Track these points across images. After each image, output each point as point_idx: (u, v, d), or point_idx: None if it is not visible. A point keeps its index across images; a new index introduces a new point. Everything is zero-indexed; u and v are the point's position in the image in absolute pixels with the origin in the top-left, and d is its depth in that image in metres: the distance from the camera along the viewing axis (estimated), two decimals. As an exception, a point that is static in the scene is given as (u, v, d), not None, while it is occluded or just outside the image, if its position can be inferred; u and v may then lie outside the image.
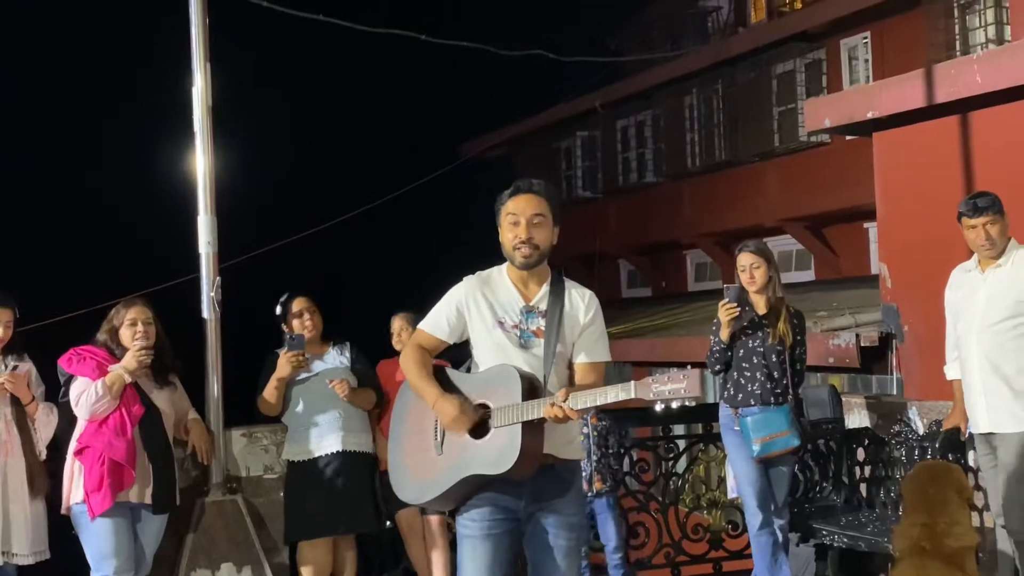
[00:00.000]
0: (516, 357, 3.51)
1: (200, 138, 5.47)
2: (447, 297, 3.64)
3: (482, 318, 3.56)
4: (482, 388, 3.50)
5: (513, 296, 3.59)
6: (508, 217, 3.56)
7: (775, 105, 14.62)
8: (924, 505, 4.30)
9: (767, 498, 5.26)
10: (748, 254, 5.35)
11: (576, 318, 3.57)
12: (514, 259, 3.56)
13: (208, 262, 5.44)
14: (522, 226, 3.53)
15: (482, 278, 3.64)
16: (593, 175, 18.62)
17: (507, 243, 3.57)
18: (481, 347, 3.58)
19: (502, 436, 3.39)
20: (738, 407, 5.31)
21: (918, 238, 8.00)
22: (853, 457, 5.95)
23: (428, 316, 3.67)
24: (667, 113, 16.67)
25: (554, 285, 3.60)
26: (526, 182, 3.62)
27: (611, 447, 5.82)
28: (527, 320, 3.55)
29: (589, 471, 5.70)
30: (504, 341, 3.54)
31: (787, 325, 5.33)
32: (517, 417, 3.37)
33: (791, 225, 14.45)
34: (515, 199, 3.58)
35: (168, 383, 5.04)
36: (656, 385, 3.20)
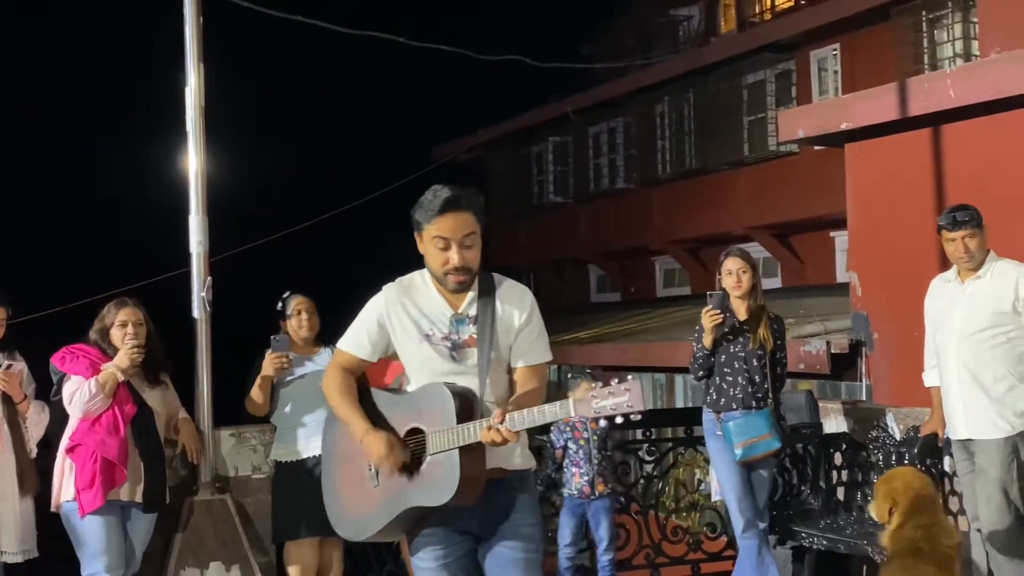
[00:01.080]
0: (448, 372, 3.21)
1: (192, 138, 5.45)
2: (367, 310, 3.31)
3: (406, 332, 3.24)
4: (414, 410, 3.21)
5: (439, 305, 3.25)
6: (436, 240, 3.16)
7: (745, 114, 14.79)
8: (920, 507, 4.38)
9: (751, 501, 5.33)
10: (736, 259, 5.42)
11: (510, 321, 3.25)
12: (446, 284, 3.21)
13: (199, 262, 5.42)
14: (454, 251, 3.16)
15: (403, 286, 3.29)
16: (564, 180, 18.71)
17: (436, 267, 3.20)
18: (410, 363, 3.28)
19: (440, 463, 3.11)
20: (720, 412, 5.36)
21: (888, 248, 8.14)
22: (831, 461, 6.03)
23: (348, 333, 3.34)
24: (638, 120, 16.80)
25: (483, 287, 3.27)
26: (452, 196, 3.16)
27: (610, 450, 5.88)
28: (457, 329, 3.23)
29: (591, 474, 5.75)
30: (433, 356, 3.22)
31: (768, 330, 5.40)
32: (453, 442, 3.09)
33: (759, 233, 14.61)
34: (443, 219, 3.15)
35: (159, 382, 5.02)
36: (597, 400, 2.95)
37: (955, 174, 7.40)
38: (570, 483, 5.78)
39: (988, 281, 4.84)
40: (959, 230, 4.82)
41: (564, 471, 5.81)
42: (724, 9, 17.09)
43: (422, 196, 3.23)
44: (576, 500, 5.78)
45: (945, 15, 12.09)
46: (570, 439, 5.78)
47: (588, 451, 5.76)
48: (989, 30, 8.59)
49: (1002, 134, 7.23)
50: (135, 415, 4.80)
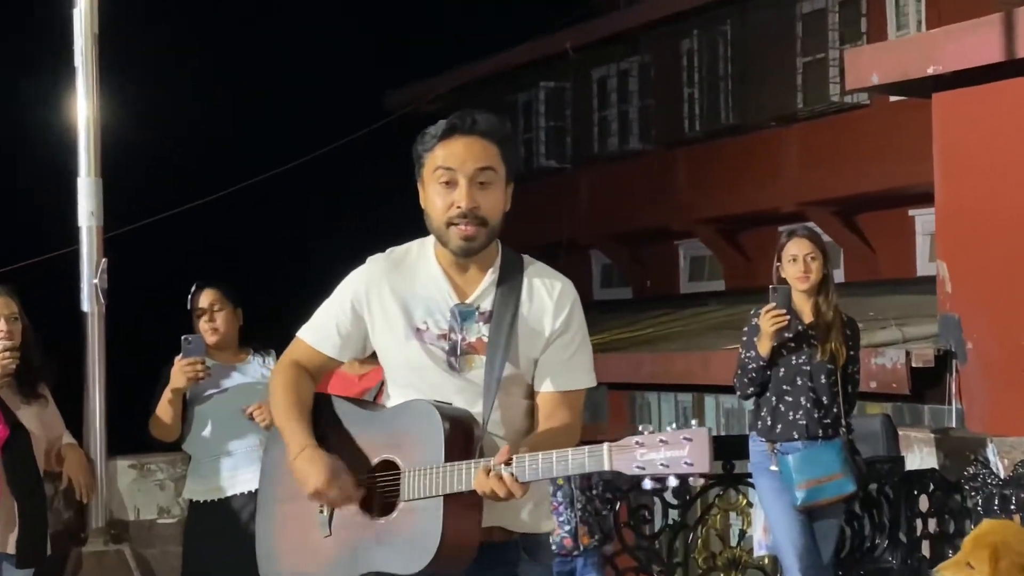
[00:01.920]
0: (443, 384, 3.02)
1: (83, 76, 5.47)
2: (340, 289, 3.15)
3: (390, 324, 3.07)
4: (390, 436, 3.02)
5: (441, 289, 3.07)
6: (438, 173, 3.01)
7: (799, 55, 14.84)
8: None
9: (814, 558, 5.40)
10: (803, 240, 5.48)
11: (540, 323, 3.06)
12: (447, 239, 3.02)
13: (91, 238, 5.44)
14: (462, 188, 2.99)
15: (394, 261, 3.13)
16: (560, 139, 18.74)
17: (436, 214, 3.02)
18: (391, 367, 3.12)
19: (416, 514, 2.92)
20: (777, 441, 5.44)
21: (989, 230, 8.21)
22: (914, 507, 6.11)
23: (312, 320, 3.19)
24: (659, 61, 16.84)
25: (505, 271, 3.09)
26: (466, 116, 3.04)
27: (595, 488, 5.90)
28: (462, 326, 3.05)
29: (574, 523, 5.78)
30: (422, 360, 3.04)
31: (841, 338, 5.46)
32: (437, 487, 2.89)
33: (815, 210, 14.67)
34: (449, 143, 3.01)
35: (37, 396, 5.03)
36: (644, 451, 2.78)
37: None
38: None
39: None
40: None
41: None
42: (772, -85, 17.18)
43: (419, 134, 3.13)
44: (558, 558, 5.75)
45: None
46: None
47: (569, 493, 5.79)
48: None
49: None
50: (6, 439, 4.79)
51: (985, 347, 8.18)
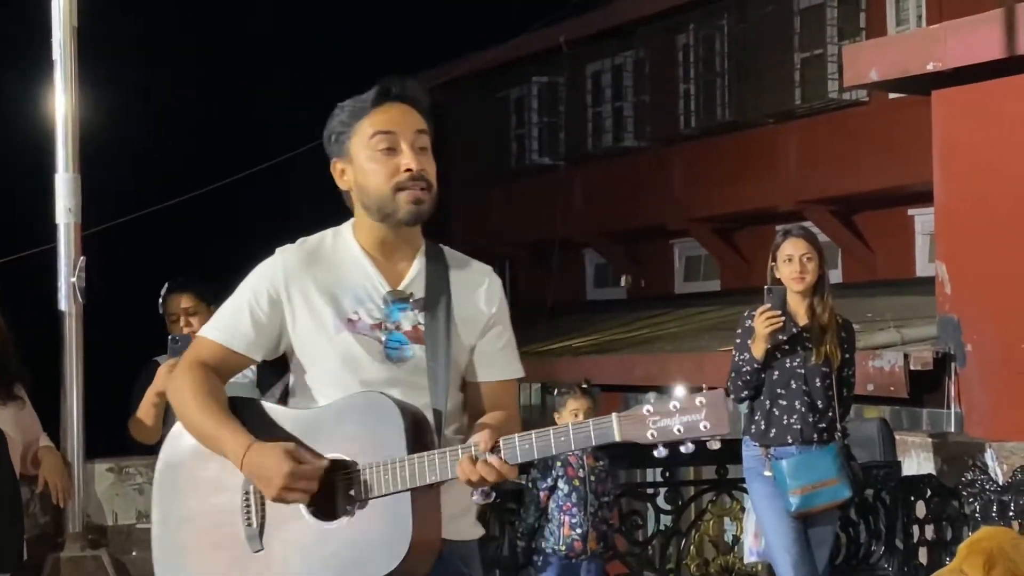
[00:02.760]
0: (379, 377, 2.89)
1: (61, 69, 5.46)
2: (251, 282, 2.95)
3: (316, 317, 2.90)
4: (336, 432, 2.84)
5: (370, 277, 2.94)
6: (376, 139, 2.89)
7: (797, 50, 14.87)
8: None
9: (808, 566, 5.39)
10: (799, 240, 5.49)
11: (473, 310, 2.99)
12: (395, 207, 2.88)
13: (68, 235, 5.43)
14: (407, 152, 2.88)
15: (309, 250, 2.97)
16: (553, 135, 18.75)
17: (378, 181, 2.89)
18: (314, 365, 2.93)
19: (378, 514, 2.77)
20: (770, 446, 5.43)
21: (989, 230, 8.22)
22: (911, 513, 6.12)
23: (218, 315, 2.99)
24: (654, 56, 16.85)
25: (431, 256, 3.00)
26: (397, 82, 2.94)
27: (608, 495, 5.91)
28: (395, 315, 2.93)
29: (586, 526, 5.77)
30: (357, 352, 2.88)
31: (836, 341, 5.47)
32: (404, 480, 2.75)
33: (813, 209, 14.70)
34: (386, 108, 2.91)
35: (13, 397, 5.04)
36: (658, 418, 2.68)
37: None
38: (557, 536, 5.77)
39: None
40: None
41: (550, 520, 5.81)
42: (770, -91, 17.21)
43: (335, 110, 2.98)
44: (563, 560, 5.79)
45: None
46: (562, 477, 5.78)
47: (584, 494, 5.78)
48: None
49: None
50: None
51: (985, 350, 8.19)
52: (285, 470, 2.73)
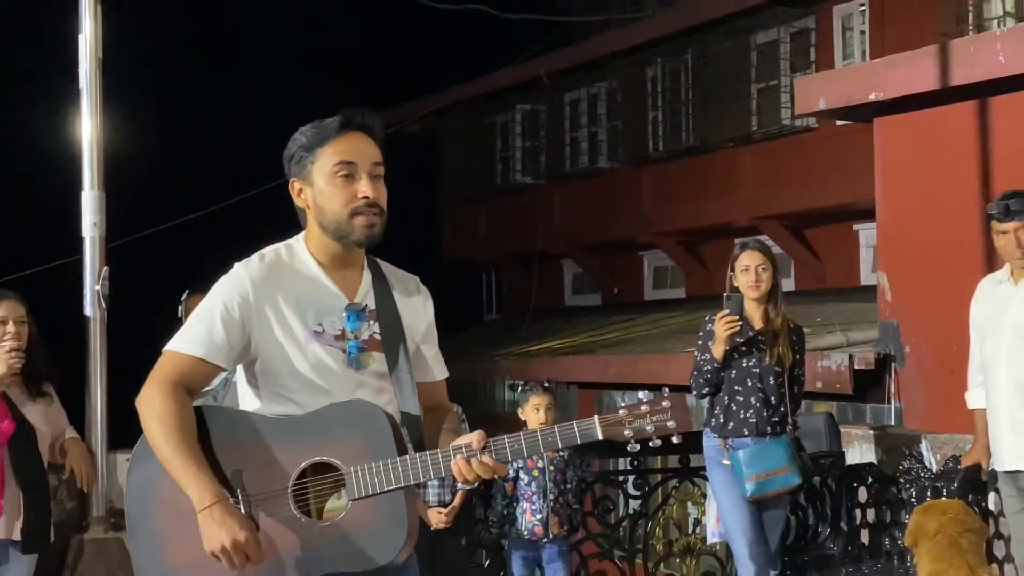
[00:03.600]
0: (344, 383, 2.85)
1: (87, 97, 5.44)
2: (219, 296, 2.85)
3: (286, 328, 2.84)
4: (315, 438, 2.78)
5: (330, 291, 2.90)
6: (338, 167, 2.84)
7: (754, 81, 14.88)
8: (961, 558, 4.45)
9: (762, 545, 5.39)
10: (755, 252, 5.48)
11: (415, 319, 2.99)
12: (350, 230, 2.85)
13: (94, 247, 5.42)
14: (364, 181, 2.85)
15: (269, 265, 2.89)
16: (535, 157, 18.73)
17: (336, 206, 2.85)
18: (287, 372, 2.85)
19: (373, 512, 2.75)
20: (728, 437, 5.42)
21: (925, 243, 8.24)
22: (854, 498, 6.12)
23: (189, 330, 2.86)
24: (625, 87, 16.85)
25: (373, 270, 2.99)
26: (358, 113, 2.91)
27: (570, 482, 5.88)
28: (355, 326, 2.89)
29: (546, 512, 5.76)
30: (326, 361, 2.84)
31: (787, 343, 5.47)
32: (399, 479, 2.75)
33: (768, 224, 14.71)
34: (348, 138, 2.87)
35: (42, 394, 5.01)
36: (631, 419, 2.79)
37: (1005, 155, 7.51)
38: (520, 522, 5.75)
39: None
40: (1013, 220, 4.91)
41: (514, 507, 5.80)
42: (730, -46, 17.22)
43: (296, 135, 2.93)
44: (527, 542, 5.78)
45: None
46: (522, 468, 5.75)
47: (543, 484, 5.76)
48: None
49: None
50: (13, 434, 4.78)
51: (921, 351, 8.20)
52: (240, 537, 2.67)
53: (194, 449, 2.75)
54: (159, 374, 2.83)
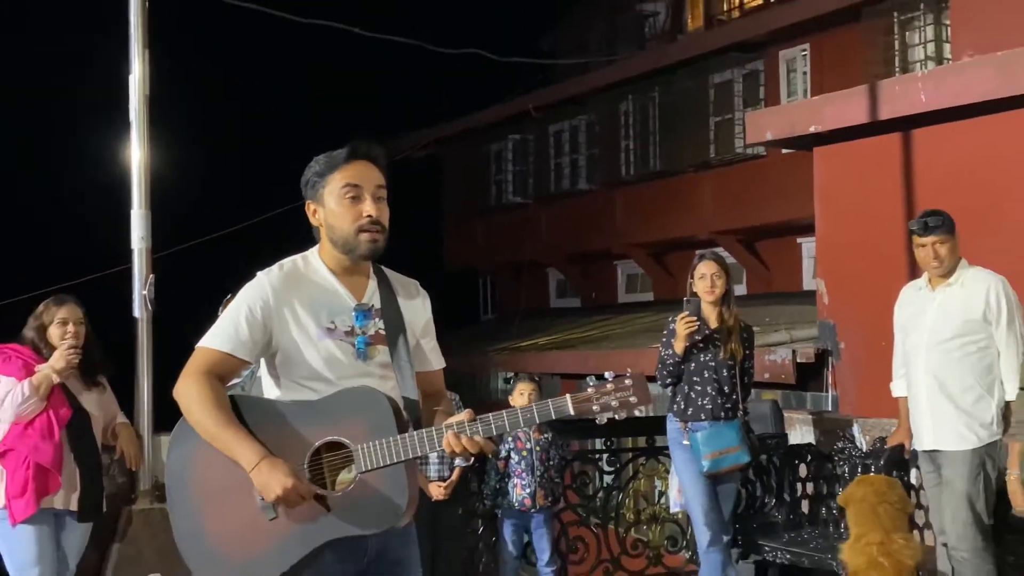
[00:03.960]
0: (353, 372, 2.86)
1: (136, 129, 5.42)
2: (244, 299, 2.86)
3: (301, 326, 2.85)
4: (328, 420, 2.79)
5: (340, 294, 2.91)
6: (345, 189, 2.86)
7: (712, 115, 14.90)
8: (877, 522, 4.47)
9: (717, 514, 5.38)
10: (711, 262, 5.47)
11: (415, 316, 3.00)
12: (356, 244, 2.87)
13: (141, 258, 5.40)
14: (368, 202, 2.87)
15: (288, 273, 2.91)
16: (524, 180, 18.73)
17: (344, 224, 2.86)
18: (297, 365, 2.86)
19: (378, 483, 2.75)
20: (688, 421, 5.42)
21: (857, 255, 8.24)
22: (796, 473, 6.12)
23: (218, 328, 2.86)
24: (601, 119, 16.87)
25: (379, 276, 2.99)
26: (364, 144, 2.93)
27: (553, 460, 5.88)
28: (362, 323, 2.89)
29: (533, 486, 5.76)
30: (337, 354, 2.85)
31: (739, 340, 5.46)
32: (395, 455, 2.74)
33: (724, 238, 14.72)
34: (354, 166, 2.89)
35: (97, 384, 5.00)
36: (599, 396, 2.77)
37: (926, 180, 7.52)
38: (512, 494, 5.78)
39: (959, 289, 4.94)
40: (930, 235, 4.91)
41: (506, 482, 5.81)
42: (691, 6, 17.21)
43: (312, 163, 2.95)
44: (517, 512, 5.80)
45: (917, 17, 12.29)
46: (512, 449, 5.78)
47: (531, 462, 5.77)
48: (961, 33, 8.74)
49: (974, 139, 7.37)
50: (70, 419, 4.77)
51: (854, 347, 8.21)
52: (288, 484, 2.69)
53: (234, 422, 2.77)
54: (193, 366, 2.85)
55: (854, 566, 4.49)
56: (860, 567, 4.44)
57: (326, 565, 2.79)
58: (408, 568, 2.94)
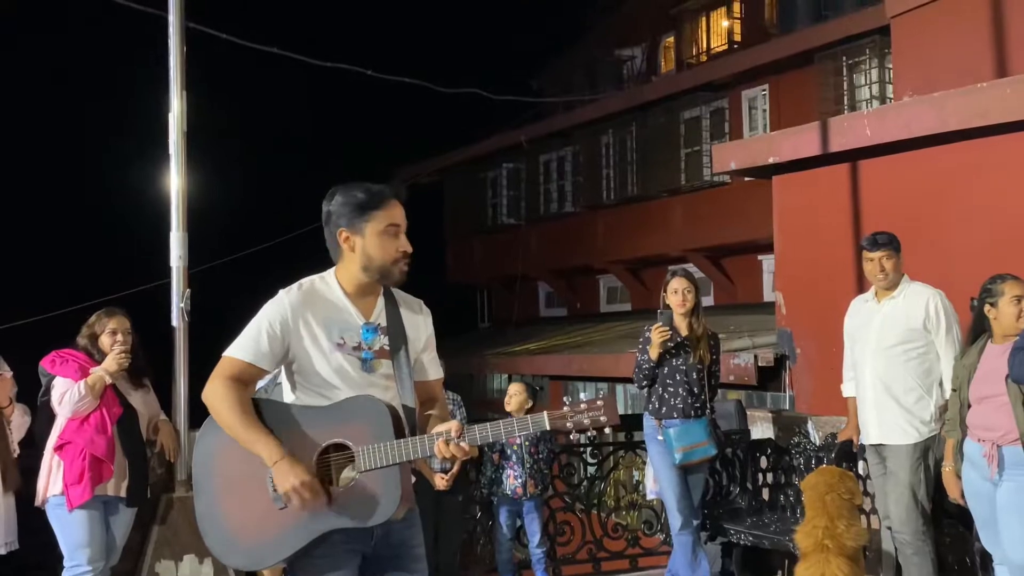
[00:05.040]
0: (360, 383, 2.86)
1: (175, 160, 5.42)
2: (266, 316, 2.86)
3: (315, 340, 2.85)
4: (337, 423, 2.80)
5: (351, 312, 2.90)
6: (390, 228, 2.89)
7: (682, 147, 14.96)
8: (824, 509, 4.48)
9: (688, 501, 5.37)
10: (682, 279, 5.47)
11: (417, 332, 3.00)
12: (391, 273, 2.91)
13: (179, 275, 5.38)
14: (403, 238, 2.91)
15: (305, 292, 2.90)
16: (517, 204, 18.77)
17: (386, 256, 2.88)
18: (310, 375, 2.86)
19: (375, 481, 2.76)
20: (662, 419, 5.41)
21: (810, 271, 8.26)
22: (757, 465, 6.10)
23: (242, 341, 2.87)
24: (585, 150, 16.92)
25: (387, 295, 2.99)
26: (396, 188, 2.96)
27: (541, 453, 5.88)
28: (369, 339, 2.90)
29: (524, 476, 5.76)
30: (346, 366, 2.86)
31: (707, 346, 5.47)
32: (393, 458, 2.76)
33: (693, 255, 14.77)
34: (394, 206, 2.91)
35: (142, 385, 5.00)
36: (572, 414, 2.79)
37: (871, 205, 7.55)
38: (505, 483, 5.78)
39: (902, 301, 4.96)
40: (878, 251, 4.94)
41: (500, 472, 5.81)
42: (664, 51, 17.30)
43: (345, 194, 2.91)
44: (510, 499, 5.80)
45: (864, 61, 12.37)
46: (505, 443, 5.78)
47: (521, 455, 5.77)
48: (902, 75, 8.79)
49: (913, 169, 7.40)
50: (121, 415, 4.78)
51: (809, 352, 8.21)
52: (304, 479, 2.73)
53: (257, 422, 2.80)
54: (219, 372, 2.88)
55: (804, 547, 4.51)
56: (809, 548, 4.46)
57: (334, 545, 2.81)
58: (411, 547, 2.95)
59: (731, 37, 15.51)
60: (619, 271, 16.64)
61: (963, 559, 5.08)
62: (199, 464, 2.92)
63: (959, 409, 4.44)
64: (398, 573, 2.91)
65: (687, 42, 16.35)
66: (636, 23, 17.36)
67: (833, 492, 4.69)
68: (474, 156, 18.93)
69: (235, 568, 2.99)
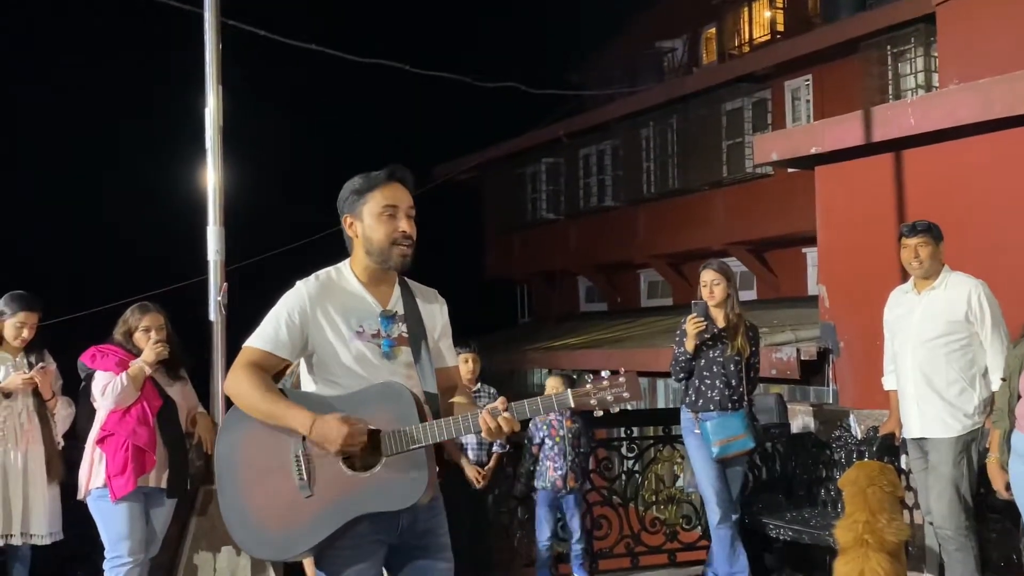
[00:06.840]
0: (381, 370, 2.87)
1: (211, 155, 5.48)
2: (284, 306, 2.89)
3: (335, 329, 2.87)
4: (361, 410, 2.79)
5: (368, 301, 2.93)
6: (384, 210, 2.89)
7: (724, 139, 14.86)
8: (864, 504, 4.45)
9: (726, 495, 5.36)
10: (710, 271, 5.46)
11: (433, 320, 3.02)
12: (389, 256, 2.90)
13: (216, 269, 5.45)
14: (402, 219, 2.90)
15: (322, 282, 2.93)
16: (556, 198, 18.76)
17: (382, 238, 2.89)
18: (331, 364, 2.87)
19: (402, 464, 2.77)
20: (699, 412, 5.40)
21: (854, 263, 8.18)
22: (797, 459, 6.08)
23: (261, 331, 2.90)
24: (625, 144, 16.86)
25: (403, 285, 3.01)
26: (399, 168, 2.96)
27: (583, 447, 5.89)
28: (387, 327, 2.92)
29: (564, 470, 5.77)
30: (367, 354, 2.87)
31: (744, 338, 5.44)
32: (419, 440, 2.77)
33: (736, 248, 14.67)
34: (391, 187, 2.92)
35: (180, 378, 5.07)
36: (595, 391, 2.81)
37: (915, 195, 7.46)
38: (545, 477, 5.77)
39: (943, 292, 4.90)
40: (914, 237, 4.89)
41: (540, 465, 5.81)
42: (706, 42, 17.19)
43: (348, 183, 2.97)
44: (550, 493, 5.80)
45: (909, 49, 12.20)
46: (546, 436, 5.78)
47: (563, 448, 5.77)
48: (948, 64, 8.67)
49: (958, 159, 7.30)
50: (160, 408, 4.86)
51: (852, 346, 8.14)
52: (344, 431, 2.75)
53: (282, 397, 2.82)
54: (240, 361, 2.90)
55: (843, 542, 4.48)
56: (849, 543, 4.42)
57: (361, 535, 2.81)
58: (438, 536, 2.95)
59: (774, 27, 15.37)
60: (660, 265, 16.57)
61: (1009, 556, 5.02)
62: (222, 459, 2.91)
63: (1008, 399, 4.38)
64: (425, 561, 2.91)
65: (729, 33, 16.23)
66: (677, 14, 17.27)
67: (874, 486, 4.65)
68: (513, 151, 18.94)
69: (265, 559, 2.92)
